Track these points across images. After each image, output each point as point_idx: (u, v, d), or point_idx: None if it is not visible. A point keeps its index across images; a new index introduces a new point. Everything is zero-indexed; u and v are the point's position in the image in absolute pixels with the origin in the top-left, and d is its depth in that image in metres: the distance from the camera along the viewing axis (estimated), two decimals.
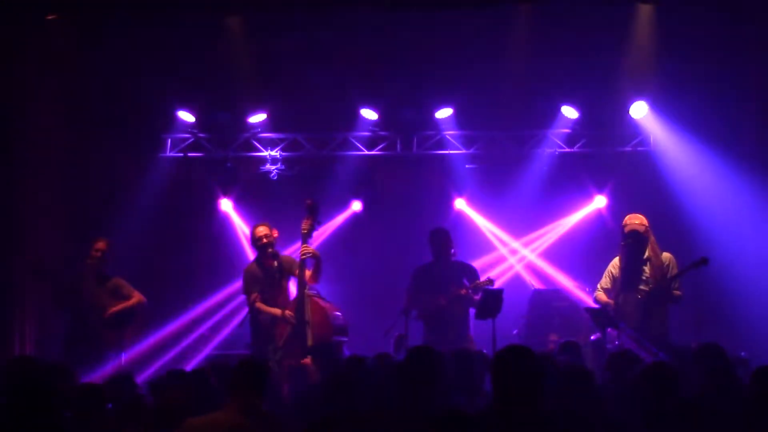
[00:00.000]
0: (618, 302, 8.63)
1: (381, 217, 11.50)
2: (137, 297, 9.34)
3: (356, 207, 11.56)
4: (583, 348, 8.69)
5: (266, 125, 11.15)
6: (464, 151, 11.16)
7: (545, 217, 11.14)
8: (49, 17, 9.88)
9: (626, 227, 8.70)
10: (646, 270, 8.61)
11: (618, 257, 8.80)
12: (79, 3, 9.93)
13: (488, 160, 11.18)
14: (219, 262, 11.32)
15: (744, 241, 10.25)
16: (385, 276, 11.00)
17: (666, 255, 8.67)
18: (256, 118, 11.04)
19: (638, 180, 10.77)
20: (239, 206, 11.46)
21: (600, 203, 11.04)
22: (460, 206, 11.40)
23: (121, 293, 9.28)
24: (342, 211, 11.51)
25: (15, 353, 9.57)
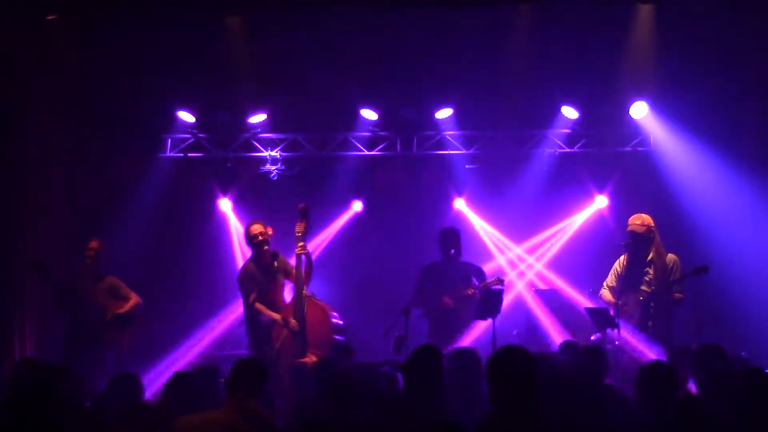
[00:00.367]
0: (620, 303, 8.63)
1: (381, 218, 11.50)
2: (135, 298, 9.37)
3: (357, 207, 11.55)
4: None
5: (266, 125, 11.14)
6: (464, 152, 11.16)
7: (545, 217, 11.12)
8: (49, 17, 9.89)
9: (627, 228, 8.73)
10: (650, 271, 8.60)
11: (624, 255, 8.80)
12: (79, 3, 9.93)
13: (488, 161, 11.18)
14: (219, 263, 11.32)
15: (744, 241, 10.24)
16: (385, 276, 11.02)
17: (671, 257, 8.67)
18: (256, 119, 11.04)
19: (638, 180, 10.77)
20: (239, 206, 11.45)
21: (601, 203, 11.03)
22: (460, 206, 11.39)
23: (119, 293, 9.30)
24: (342, 211, 11.51)
25: (15, 353, 9.58)
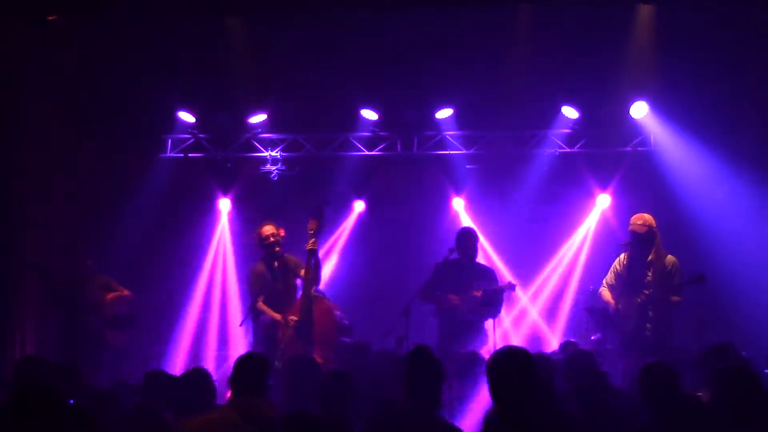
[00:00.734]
0: (619, 305, 8.62)
1: (381, 218, 11.49)
2: (124, 293, 9.42)
3: (360, 207, 11.55)
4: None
5: (266, 125, 11.14)
6: (464, 152, 11.15)
7: (546, 218, 11.10)
8: (49, 17, 9.88)
9: (629, 227, 8.73)
10: (649, 273, 8.59)
11: (624, 254, 8.80)
12: (79, 3, 9.92)
13: (488, 161, 11.17)
14: (220, 263, 11.33)
15: (744, 241, 10.23)
16: (385, 276, 11.02)
17: (670, 258, 8.65)
18: (257, 119, 11.04)
19: (638, 180, 10.76)
20: (239, 206, 11.45)
21: (603, 203, 11.02)
22: (460, 206, 11.39)
23: (111, 289, 9.34)
24: (342, 212, 11.50)
25: (15, 353, 9.58)
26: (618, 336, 8.54)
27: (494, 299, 8.97)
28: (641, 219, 8.70)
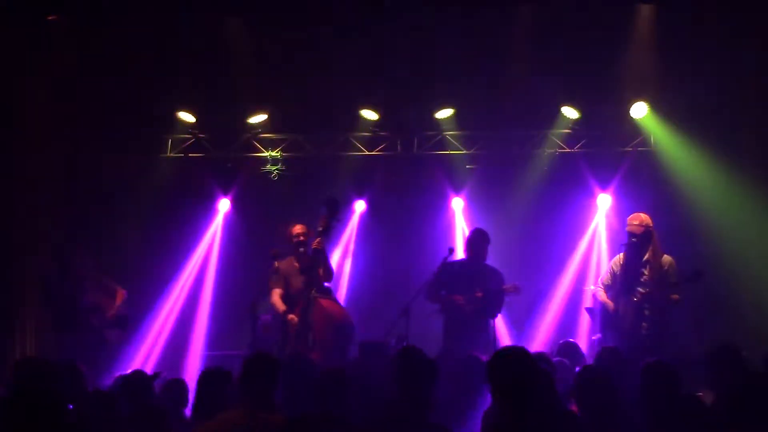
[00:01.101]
0: (615, 303, 8.63)
1: (381, 218, 11.49)
2: (120, 292, 9.42)
3: (361, 207, 11.54)
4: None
5: (267, 125, 11.14)
6: (465, 152, 11.16)
7: (546, 218, 11.09)
8: (49, 17, 9.88)
9: (626, 227, 8.74)
10: (645, 272, 8.60)
11: (621, 254, 8.82)
12: (79, 3, 9.92)
13: (488, 161, 11.18)
14: (220, 263, 11.32)
15: (744, 241, 10.24)
16: (385, 276, 11.01)
17: (666, 258, 8.66)
18: (257, 119, 11.03)
19: (638, 180, 10.76)
20: (239, 207, 11.45)
21: (604, 203, 11.02)
22: (460, 206, 11.39)
23: (108, 289, 9.35)
24: (343, 212, 11.48)
25: (15, 353, 9.58)
26: (617, 336, 8.54)
27: (495, 300, 8.97)
28: (638, 219, 8.72)
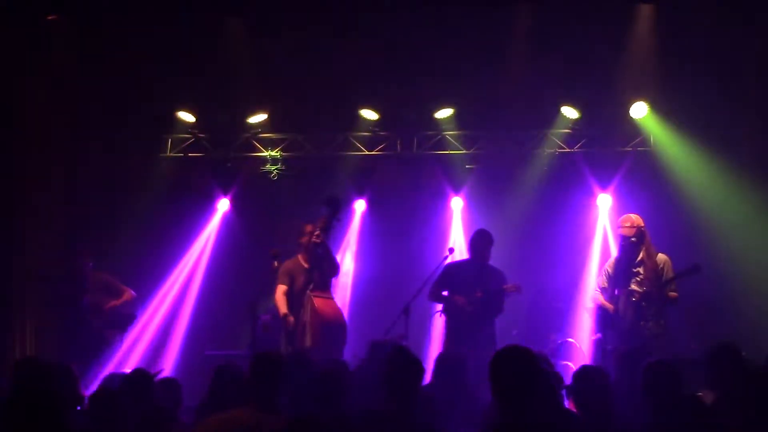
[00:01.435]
0: (613, 304, 8.63)
1: (381, 217, 11.49)
2: (128, 292, 9.42)
3: (361, 207, 11.54)
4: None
5: (266, 125, 11.14)
6: (464, 151, 11.16)
7: (545, 218, 11.09)
8: (49, 17, 9.88)
9: (619, 230, 8.76)
10: (641, 271, 8.61)
11: (615, 257, 8.84)
12: (79, 3, 9.92)
13: (488, 160, 11.18)
14: (220, 263, 11.32)
15: (744, 241, 10.24)
16: (384, 276, 11.01)
17: (661, 257, 8.66)
18: (256, 118, 11.04)
19: (638, 180, 10.76)
20: (239, 206, 11.45)
21: (604, 203, 11.03)
22: (459, 206, 11.39)
23: (113, 289, 9.34)
24: (344, 212, 11.47)
25: (15, 353, 9.57)
26: (617, 336, 8.55)
27: (495, 300, 8.97)
28: (628, 221, 8.72)
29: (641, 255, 8.62)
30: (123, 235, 10.64)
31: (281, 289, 8.78)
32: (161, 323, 10.86)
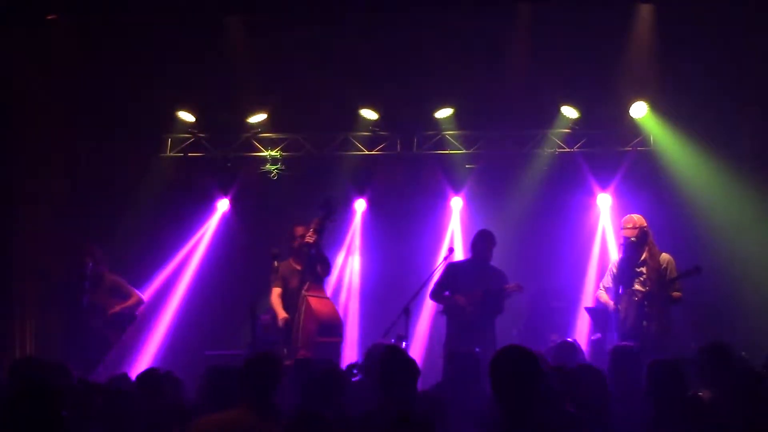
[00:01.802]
0: (617, 304, 8.64)
1: (381, 217, 11.49)
2: (136, 296, 9.41)
3: (362, 207, 11.54)
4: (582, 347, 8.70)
5: (266, 125, 11.14)
6: (464, 151, 11.16)
7: (545, 218, 11.09)
8: (49, 17, 9.88)
9: (622, 231, 8.76)
10: (643, 271, 8.61)
11: (619, 256, 8.84)
12: (79, 3, 9.92)
13: (488, 160, 11.18)
14: (220, 263, 11.33)
15: (744, 240, 10.25)
16: (384, 276, 11.01)
17: (664, 256, 8.67)
18: (256, 118, 11.04)
19: (638, 180, 10.77)
20: (239, 206, 11.45)
21: (604, 203, 11.03)
22: (459, 206, 11.39)
23: (120, 292, 9.34)
24: (344, 212, 11.48)
25: (15, 353, 9.57)
26: (618, 336, 8.55)
27: (496, 299, 8.97)
28: (631, 222, 8.73)
29: (644, 255, 8.63)
30: (123, 235, 10.64)
31: (276, 292, 8.81)
32: (161, 323, 10.86)
